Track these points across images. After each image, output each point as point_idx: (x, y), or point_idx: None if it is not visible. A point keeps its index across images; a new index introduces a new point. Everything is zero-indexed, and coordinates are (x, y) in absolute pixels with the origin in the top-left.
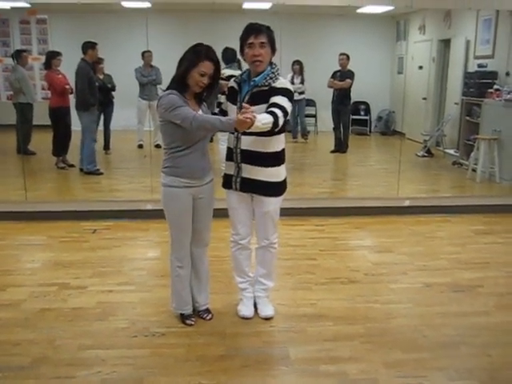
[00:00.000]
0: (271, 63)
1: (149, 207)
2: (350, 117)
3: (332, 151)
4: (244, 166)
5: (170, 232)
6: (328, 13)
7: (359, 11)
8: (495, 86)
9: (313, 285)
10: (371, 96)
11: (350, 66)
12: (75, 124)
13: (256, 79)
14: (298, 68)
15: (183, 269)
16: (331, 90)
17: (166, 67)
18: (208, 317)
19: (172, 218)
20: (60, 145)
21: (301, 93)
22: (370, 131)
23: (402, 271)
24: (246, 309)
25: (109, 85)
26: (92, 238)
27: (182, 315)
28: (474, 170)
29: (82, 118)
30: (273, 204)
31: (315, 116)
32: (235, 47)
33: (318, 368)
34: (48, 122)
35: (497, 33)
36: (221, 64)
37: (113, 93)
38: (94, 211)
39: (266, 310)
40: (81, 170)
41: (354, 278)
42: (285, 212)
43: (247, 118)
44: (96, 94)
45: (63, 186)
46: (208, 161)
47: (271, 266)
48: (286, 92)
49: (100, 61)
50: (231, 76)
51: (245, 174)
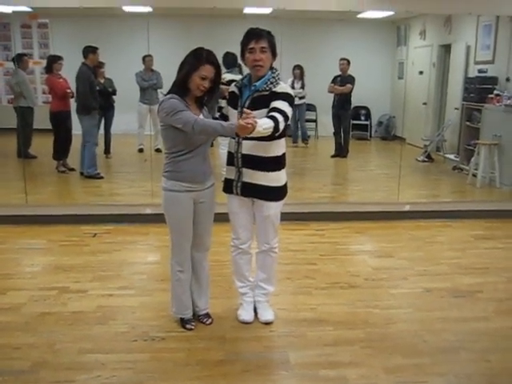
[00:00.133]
0: (272, 68)
1: (149, 211)
2: (351, 122)
3: (332, 156)
4: (245, 171)
5: (171, 236)
6: (329, 18)
7: (360, 16)
8: (495, 92)
9: (313, 289)
10: (372, 101)
11: (351, 71)
12: (76, 128)
13: (257, 84)
14: (299, 73)
15: (184, 273)
16: (332, 95)
17: (167, 71)
18: (208, 321)
19: (173, 223)
20: (61, 149)
21: (301, 97)
22: (371, 136)
23: (403, 276)
24: (246, 313)
25: (110, 89)
26: (92, 242)
27: (182, 319)
28: (475, 175)
29: (83, 122)
30: (273, 208)
31: (315, 121)
32: (236, 52)
33: (318, 373)
34: (49, 126)
35: (497, 38)
36: (221, 68)
37: (113, 97)
38: (95, 215)
39: (266, 315)
40: (81, 174)
41: (354, 283)
42: (285, 217)
43: (248, 124)
44: (97, 98)
45: (64, 190)
46: (209, 165)
47: (271, 271)
48: (287, 97)
49: (101, 65)
50: (232, 81)
51: (246, 179)
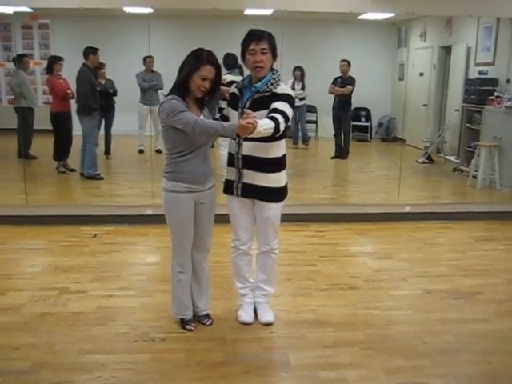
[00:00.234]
0: (272, 69)
1: (149, 212)
2: (351, 123)
3: (333, 157)
4: (245, 172)
5: (172, 237)
6: (329, 19)
7: (360, 18)
8: (496, 93)
9: (313, 291)
10: (372, 102)
11: (351, 73)
12: (76, 129)
13: (257, 85)
14: (299, 74)
15: (184, 274)
16: (332, 96)
17: (168, 72)
18: (208, 322)
19: (173, 223)
20: (61, 149)
21: (302, 99)
22: (371, 137)
23: (402, 278)
24: (246, 314)
25: (110, 90)
26: (92, 243)
27: (182, 320)
28: (475, 177)
29: (84, 123)
30: (274, 210)
31: (316, 122)
32: (237, 53)
33: (318, 374)
34: (49, 127)
35: (497, 40)
36: (222, 69)
37: (114, 98)
38: (95, 216)
39: (266, 316)
40: (81, 175)
41: (354, 285)
42: (285, 218)
43: (249, 124)
44: (97, 99)
45: (64, 191)
46: (210, 166)
47: (272, 272)
48: (287, 98)
49: (101, 66)
50: (232, 82)
51: (246, 180)
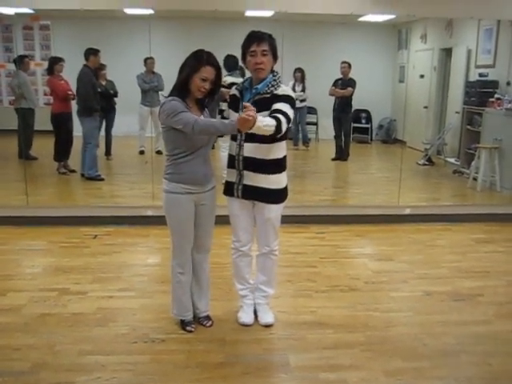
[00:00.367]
0: (273, 71)
1: (149, 213)
2: (351, 125)
3: (333, 159)
4: (246, 173)
5: (172, 238)
6: (330, 21)
7: (361, 20)
8: (496, 95)
9: (313, 292)
10: (372, 104)
11: (352, 74)
12: (77, 130)
13: (258, 87)
14: (300, 76)
15: (184, 275)
16: (332, 98)
17: (168, 74)
18: (208, 323)
19: (174, 225)
20: (61, 150)
21: (302, 100)
22: (371, 139)
23: (403, 279)
24: (246, 316)
25: (111, 91)
26: (93, 244)
27: (183, 321)
28: (475, 179)
29: (84, 124)
30: (274, 211)
31: (316, 124)
32: (237, 55)
33: (318, 376)
34: (50, 128)
35: (498, 42)
36: (223, 71)
37: (115, 99)
38: (95, 217)
39: (266, 318)
40: (82, 176)
41: (355, 286)
42: (285, 219)
43: (249, 116)
44: (98, 100)
45: (64, 192)
46: (210, 167)
47: (272, 273)
48: (288, 99)
49: (102, 67)
50: (233, 83)
51: (247, 182)
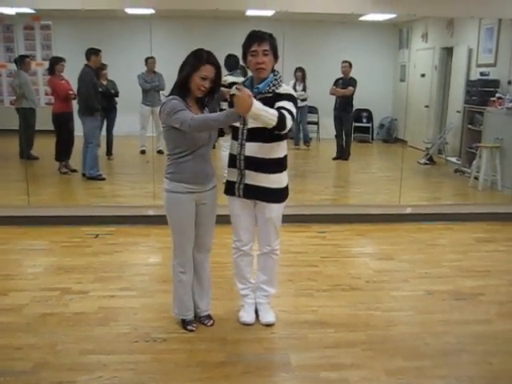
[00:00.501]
0: (273, 70)
1: (151, 213)
2: (352, 124)
3: (334, 158)
4: (247, 173)
5: (173, 237)
6: (331, 20)
7: (362, 19)
8: (497, 95)
9: (314, 291)
10: (373, 103)
11: (353, 74)
12: (78, 129)
13: (259, 86)
14: (301, 75)
15: (185, 274)
16: (333, 98)
17: (169, 73)
18: (209, 323)
19: (175, 224)
20: (63, 150)
21: (303, 100)
22: (372, 139)
23: (404, 278)
24: (248, 315)
25: (112, 91)
26: (94, 243)
27: (184, 321)
28: (476, 178)
29: (85, 124)
30: (275, 210)
31: (317, 123)
32: (238, 54)
33: (319, 375)
34: (51, 128)
35: (499, 41)
36: (223, 70)
37: (116, 99)
38: (97, 216)
39: (268, 317)
40: (83, 176)
41: (356, 285)
42: (287, 219)
43: (244, 94)
44: (99, 100)
45: (66, 191)
46: (211, 167)
47: (273, 273)
48: (291, 97)
49: (103, 67)
50: (234, 83)
51: (248, 181)
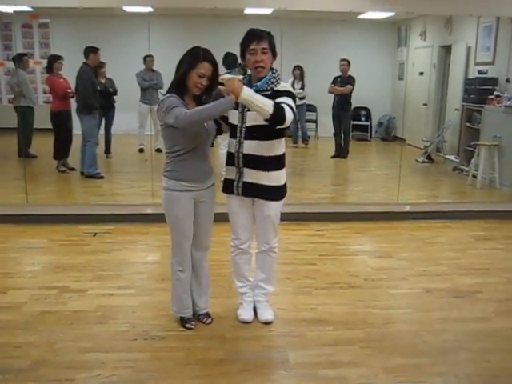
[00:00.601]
0: (272, 68)
1: (149, 211)
2: (351, 122)
3: (332, 156)
4: (246, 171)
5: (171, 236)
6: (329, 18)
7: (360, 17)
8: (495, 93)
9: (313, 289)
10: (372, 102)
11: (351, 72)
12: (76, 128)
13: (258, 84)
14: (299, 73)
15: (184, 272)
16: (332, 96)
17: (168, 71)
18: (208, 321)
19: (173, 222)
20: (61, 148)
21: (301, 98)
22: (371, 137)
23: (402, 276)
24: (246, 313)
25: (110, 89)
26: (92, 242)
27: (182, 319)
28: (475, 176)
29: (84, 122)
30: (274, 208)
31: (316, 121)
32: (237, 52)
33: (318, 372)
34: (49, 126)
35: (497, 39)
36: (222, 69)
37: (114, 97)
38: (95, 215)
39: (266, 315)
40: (81, 174)
41: (354, 283)
42: (285, 217)
43: (235, 79)
44: (97, 98)
45: (64, 190)
46: (209, 165)
47: (271, 271)
48: (289, 94)
49: (102, 65)
50: None
51: (246, 179)
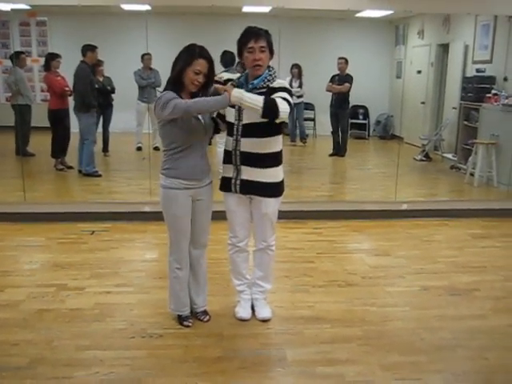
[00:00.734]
0: (268, 66)
1: (147, 209)
2: (349, 121)
3: (330, 155)
4: (243, 168)
5: (169, 234)
6: (327, 17)
7: (358, 15)
8: (493, 91)
9: (310, 287)
10: (370, 100)
11: (349, 70)
12: (74, 126)
13: (254, 82)
14: (297, 72)
15: (181, 270)
16: (330, 94)
17: (165, 70)
18: (205, 318)
19: (171, 220)
20: (59, 147)
21: (299, 96)
22: (369, 135)
23: (399, 274)
24: (244, 311)
25: (108, 87)
26: (90, 240)
27: (180, 317)
28: (472, 175)
29: (81, 120)
30: (271, 206)
31: (314, 120)
32: (235, 50)
33: (315, 370)
34: (47, 124)
35: (495, 38)
36: (219, 67)
37: (112, 95)
38: (93, 213)
39: (264, 312)
40: (79, 172)
41: (352, 281)
42: (283, 215)
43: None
44: (95, 96)
45: (62, 188)
46: (207, 162)
47: (269, 269)
48: (286, 90)
49: (99, 63)
50: (229, 80)
51: (244, 176)
